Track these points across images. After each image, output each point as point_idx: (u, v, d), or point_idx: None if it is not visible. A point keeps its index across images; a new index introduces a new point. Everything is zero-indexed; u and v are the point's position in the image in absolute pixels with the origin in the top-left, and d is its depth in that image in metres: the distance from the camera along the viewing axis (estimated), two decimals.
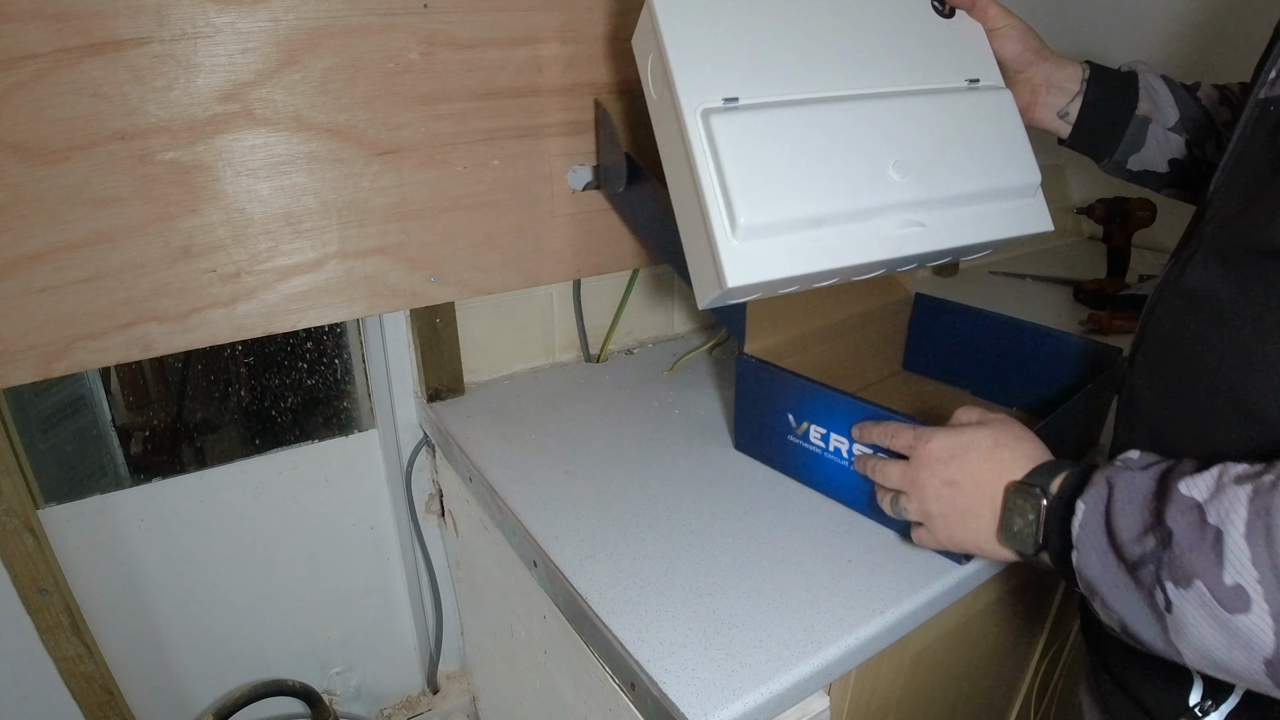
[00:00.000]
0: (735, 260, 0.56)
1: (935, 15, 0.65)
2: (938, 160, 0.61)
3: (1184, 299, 0.48)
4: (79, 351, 0.69)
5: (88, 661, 0.79)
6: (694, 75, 0.57)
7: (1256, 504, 0.35)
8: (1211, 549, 0.36)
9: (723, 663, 0.52)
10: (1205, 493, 0.37)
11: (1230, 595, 0.35)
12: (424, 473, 0.95)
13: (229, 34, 0.67)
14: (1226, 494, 0.36)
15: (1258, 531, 0.34)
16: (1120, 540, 0.40)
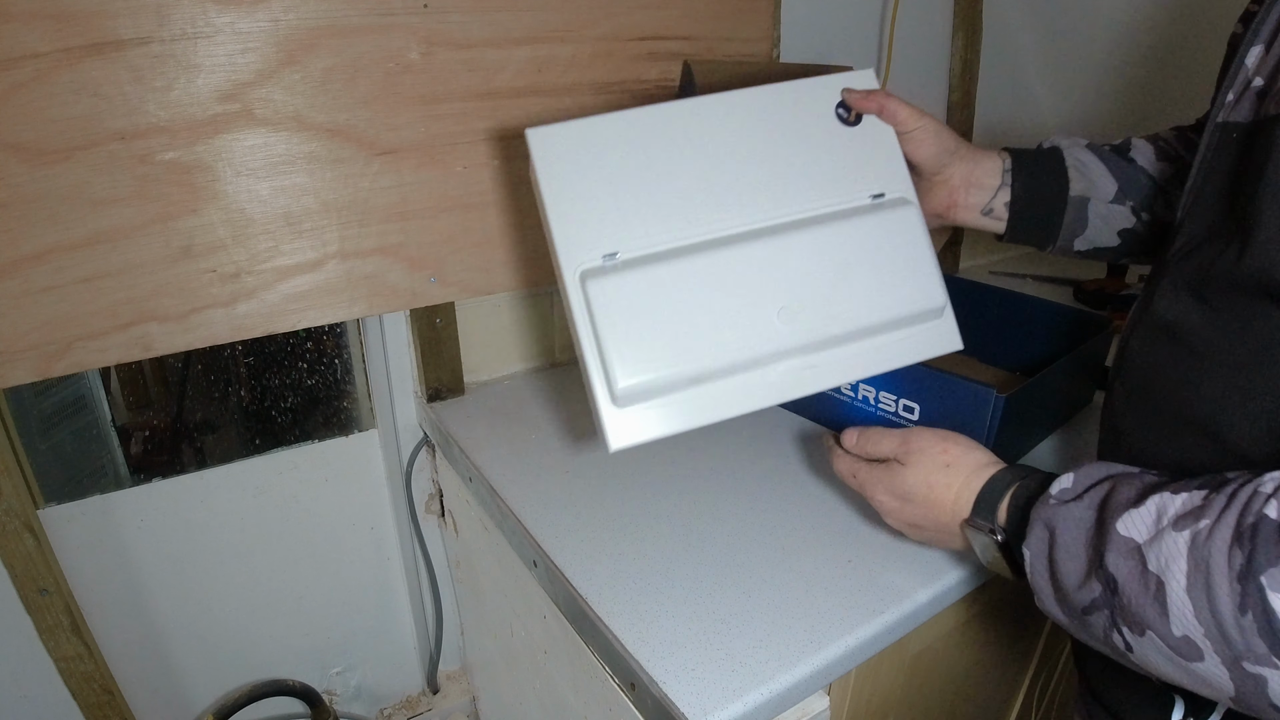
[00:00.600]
0: (616, 425, 0.55)
1: (840, 125, 0.61)
2: (831, 297, 0.57)
3: (1159, 331, 0.47)
4: (79, 351, 0.69)
5: (88, 661, 0.79)
6: (573, 233, 0.56)
7: (1195, 555, 0.34)
8: (1155, 599, 0.35)
9: (723, 663, 0.52)
10: (1144, 533, 0.36)
11: (1182, 645, 0.35)
12: (424, 473, 0.95)
13: (229, 34, 0.67)
14: (1165, 541, 0.35)
15: (1198, 586, 0.33)
16: (1065, 588, 0.40)
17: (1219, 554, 0.33)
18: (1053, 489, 0.43)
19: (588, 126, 0.57)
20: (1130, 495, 0.38)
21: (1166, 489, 0.37)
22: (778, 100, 0.60)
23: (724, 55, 0.93)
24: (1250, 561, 0.32)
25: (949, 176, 0.62)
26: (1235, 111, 0.43)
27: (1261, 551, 0.32)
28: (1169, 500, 0.37)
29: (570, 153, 0.56)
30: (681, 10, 0.88)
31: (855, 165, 0.60)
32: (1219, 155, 0.44)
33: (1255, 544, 0.32)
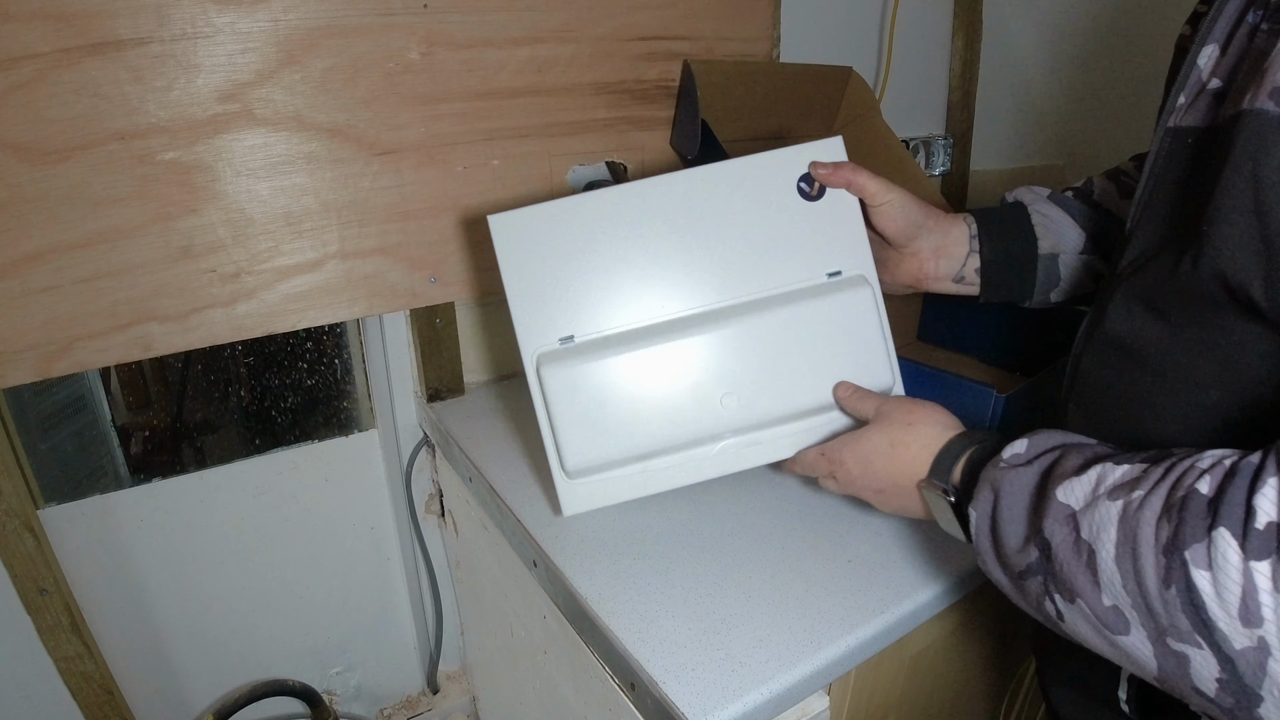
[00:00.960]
0: (568, 494, 0.61)
1: (802, 200, 0.61)
2: (778, 382, 0.59)
3: (1113, 349, 0.46)
4: (79, 351, 0.69)
5: (88, 661, 0.79)
6: (531, 317, 0.59)
7: (1124, 525, 0.34)
8: (1086, 567, 0.35)
9: (723, 663, 0.52)
10: (1081, 500, 0.36)
11: (1110, 615, 0.34)
12: (424, 473, 0.95)
13: (229, 34, 0.67)
14: (1099, 508, 0.35)
15: (1126, 556, 0.33)
16: (1005, 551, 0.40)
17: (1147, 525, 0.33)
18: (1005, 452, 0.43)
19: (547, 211, 0.59)
20: (1075, 463, 0.38)
21: (1110, 460, 0.37)
22: (740, 175, 0.60)
23: (724, 55, 0.93)
24: (1176, 535, 0.31)
25: (919, 249, 0.62)
26: (1188, 115, 0.42)
27: (1187, 526, 0.31)
28: (1109, 470, 0.37)
29: (531, 237, 0.58)
30: (681, 10, 0.88)
31: (814, 241, 0.61)
32: (1170, 162, 0.43)
33: (1182, 517, 0.31)
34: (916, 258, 0.62)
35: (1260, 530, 0.29)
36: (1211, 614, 0.30)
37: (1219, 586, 0.30)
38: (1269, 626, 0.29)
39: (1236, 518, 0.30)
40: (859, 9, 1.12)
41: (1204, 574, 0.30)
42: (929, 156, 1.26)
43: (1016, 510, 0.40)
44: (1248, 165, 0.35)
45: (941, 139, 1.27)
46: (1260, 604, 0.29)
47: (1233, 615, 0.29)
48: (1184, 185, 0.42)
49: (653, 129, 0.91)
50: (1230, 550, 0.29)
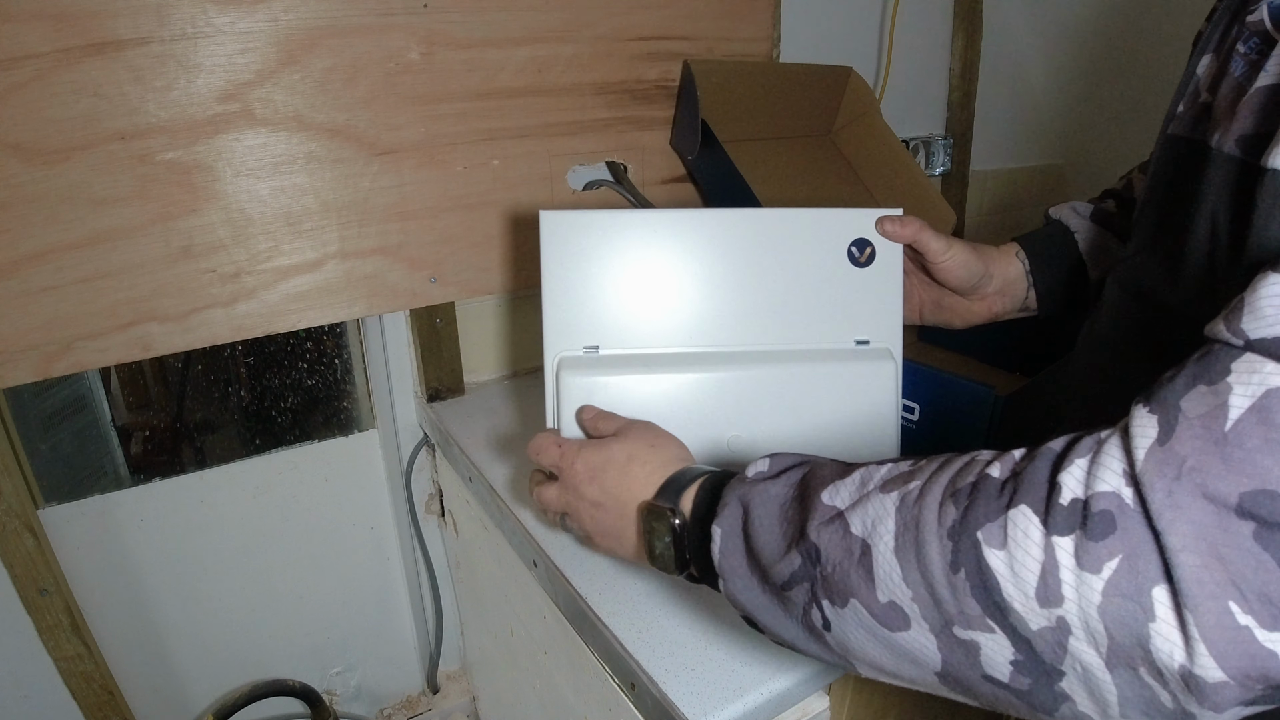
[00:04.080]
0: None
1: (848, 264, 0.61)
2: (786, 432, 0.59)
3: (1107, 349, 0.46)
4: (79, 351, 0.69)
5: (88, 661, 0.79)
6: (562, 320, 0.59)
7: (903, 515, 0.32)
8: (859, 564, 0.33)
9: (723, 662, 0.52)
10: (848, 499, 0.35)
11: (887, 613, 0.33)
12: (424, 473, 0.95)
13: (229, 34, 0.67)
14: (871, 502, 0.34)
15: (907, 546, 0.32)
16: (764, 562, 0.38)
17: (929, 510, 0.31)
18: (748, 470, 0.42)
19: (600, 219, 0.59)
20: (833, 470, 0.38)
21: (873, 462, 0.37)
22: (795, 225, 0.60)
23: (724, 55, 0.93)
24: (965, 516, 0.30)
25: (985, 293, 0.64)
26: (1181, 124, 0.43)
27: (980, 505, 0.30)
28: (873, 470, 0.36)
29: (577, 241, 0.58)
30: (681, 10, 0.88)
31: (850, 307, 0.62)
32: (1162, 168, 0.44)
33: (973, 499, 0.30)
34: (984, 301, 0.64)
35: (1064, 505, 0.28)
36: (1006, 595, 0.29)
37: (1015, 564, 0.28)
38: (1069, 605, 0.27)
39: (1038, 494, 0.29)
40: (859, 9, 1.12)
41: (998, 553, 0.29)
42: (929, 156, 1.26)
43: (770, 520, 0.38)
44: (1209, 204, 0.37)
45: (941, 139, 1.27)
46: (1061, 581, 0.27)
47: (1029, 595, 0.28)
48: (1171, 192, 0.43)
49: (653, 129, 0.91)
50: (1031, 526, 0.28)
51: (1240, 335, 0.27)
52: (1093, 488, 0.28)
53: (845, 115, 1.03)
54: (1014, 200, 1.46)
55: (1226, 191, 0.36)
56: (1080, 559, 0.27)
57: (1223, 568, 0.25)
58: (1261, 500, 0.25)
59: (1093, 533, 0.27)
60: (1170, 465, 0.26)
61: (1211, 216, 0.37)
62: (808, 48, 1.04)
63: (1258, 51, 0.36)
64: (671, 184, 0.95)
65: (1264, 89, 0.34)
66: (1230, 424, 0.26)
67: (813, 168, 1.00)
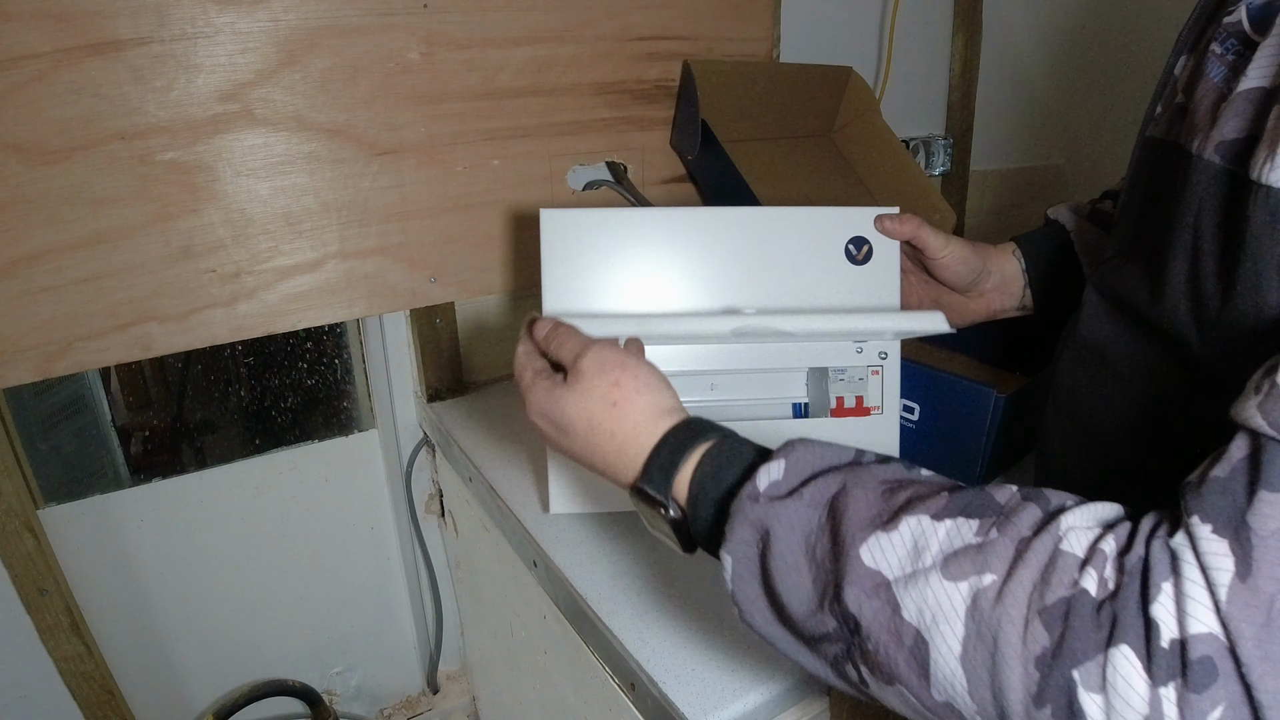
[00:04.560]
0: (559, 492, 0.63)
1: (847, 263, 0.61)
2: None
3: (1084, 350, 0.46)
4: (79, 351, 0.69)
5: (88, 661, 0.79)
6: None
7: (978, 622, 0.28)
8: (912, 656, 0.29)
9: (723, 663, 0.52)
10: (897, 567, 0.30)
11: (943, 710, 0.29)
12: (424, 473, 0.95)
13: (229, 34, 0.67)
14: (932, 588, 0.29)
15: (978, 660, 0.27)
16: (789, 610, 0.33)
17: (1012, 627, 0.27)
18: (759, 481, 0.35)
19: (599, 218, 0.59)
20: (874, 509, 0.32)
21: (921, 508, 0.31)
22: (792, 224, 0.60)
23: (724, 55, 0.93)
24: (1060, 648, 0.26)
25: (983, 290, 0.64)
26: (1158, 126, 0.42)
27: (1076, 637, 0.26)
28: (929, 528, 0.30)
29: (577, 239, 0.59)
30: (681, 10, 0.88)
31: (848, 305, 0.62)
32: (1140, 171, 0.43)
33: (1068, 626, 0.26)
34: (983, 299, 0.64)
35: (1164, 649, 0.25)
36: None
37: (1112, 713, 0.25)
38: None
39: (1137, 632, 0.25)
40: (859, 9, 1.12)
41: (1095, 697, 0.25)
42: (929, 156, 1.26)
43: (794, 558, 0.32)
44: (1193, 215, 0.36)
45: (941, 139, 1.27)
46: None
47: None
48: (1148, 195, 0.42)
49: (653, 129, 0.91)
50: (1134, 673, 0.25)
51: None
52: (1188, 629, 0.25)
53: (845, 115, 1.03)
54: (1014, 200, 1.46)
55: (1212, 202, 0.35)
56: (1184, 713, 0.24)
57: None
58: None
59: (1194, 683, 0.24)
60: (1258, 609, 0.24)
61: (1194, 228, 0.36)
62: (808, 48, 1.04)
63: (1235, 53, 0.35)
64: (671, 184, 0.95)
65: (1245, 93, 0.33)
66: None
67: (813, 168, 1.00)
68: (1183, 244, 0.37)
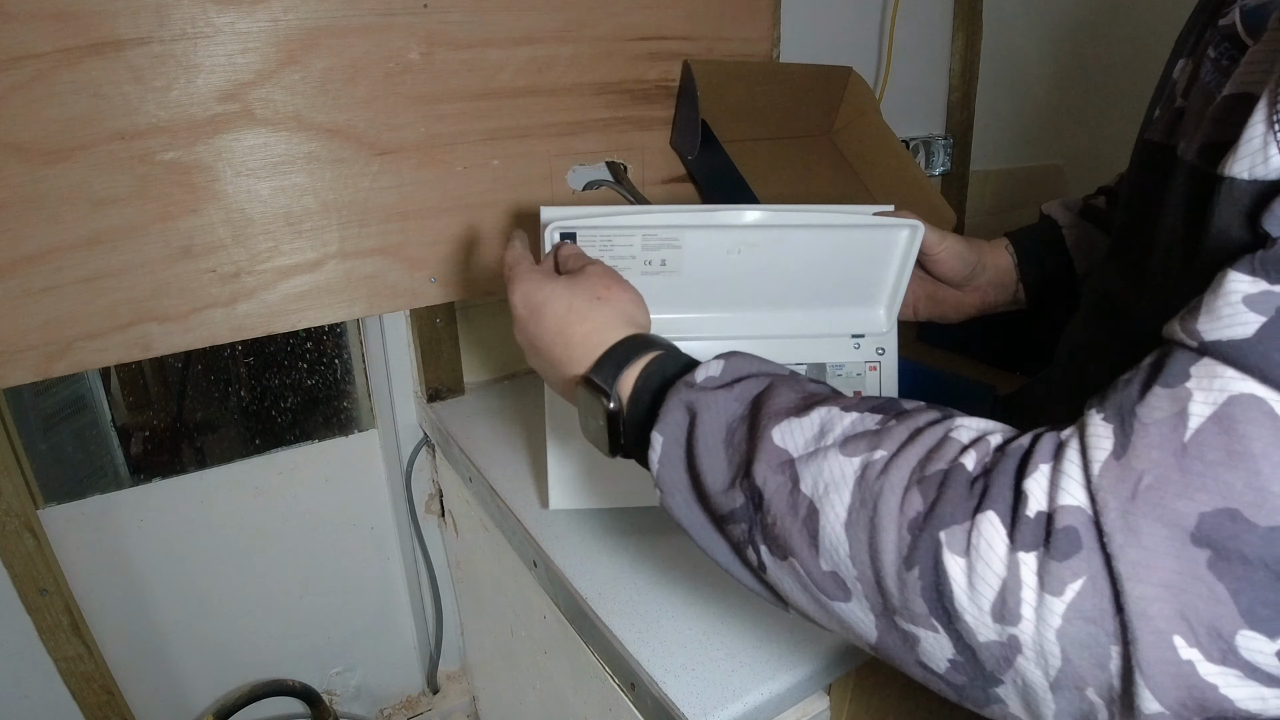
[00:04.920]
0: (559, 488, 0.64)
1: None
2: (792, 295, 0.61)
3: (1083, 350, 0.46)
4: (79, 351, 0.69)
5: (88, 661, 0.79)
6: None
7: (864, 490, 0.29)
8: (804, 526, 0.31)
9: (723, 663, 0.52)
10: (801, 446, 0.32)
11: (827, 580, 0.31)
12: (424, 473, 0.95)
13: (229, 34, 0.67)
14: (829, 461, 0.31)
15: (860, 524, 0.29)
16: (705, 487, 0.35)
17: (892, 493, 0.29)
18: (698, 374, 0.38)
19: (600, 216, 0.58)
20: (791, 399, 0.34)
21: (835, 403, 0.33)
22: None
23: (724, 55, 0.93)
24: (931, 511, 0.28)
25: (977, 284, 0.64)
26: (1157, 130, 0.42)
27: (947, 503, 0.28)
28: (836, 416, 0.32)
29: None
30: (681, 10, 0.88)
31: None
32: (1138, 173, 0.44)
33: (941, 493, 0.28)
34: (977, 292, 0.65)
35: (1030, 518, 0.26)
36: (958, 603, 0.27)
37: (975, 576, 0.26)
38: (1025, 626, 0.26)
39: (1005, 501, 0.27)
40: (859, 9, 1.12)
41: (959, 560, 0.27)
42: (929, 156, 1.26)
43: (715, 440, 0.35)
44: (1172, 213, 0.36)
45: (941, 139, 1.27)
46: (1021, 600, 0.26)
47: (983, 609, 0.26)
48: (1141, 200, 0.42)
49: (653, 129, 0.91)
50: (996, 538, 0.26)
51: (1195, 336, 0.26)
52: (1056, 500, 0.26)
53: (845, 115, 1.03)
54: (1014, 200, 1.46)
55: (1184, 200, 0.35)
56: (1043, 580, 0.25)
57: (1172, 598, 0.24)
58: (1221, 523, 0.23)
59: (1056, 551, 0.25)
60: (1126, 483, 0.25)
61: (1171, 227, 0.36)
62: (808, 48, 1.04)
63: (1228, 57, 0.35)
64: (671, 184, 0.95)
65: (1229, 98, 0.33)
66: (1190, 433, 0.24)
67: (813, 168, 1.00)
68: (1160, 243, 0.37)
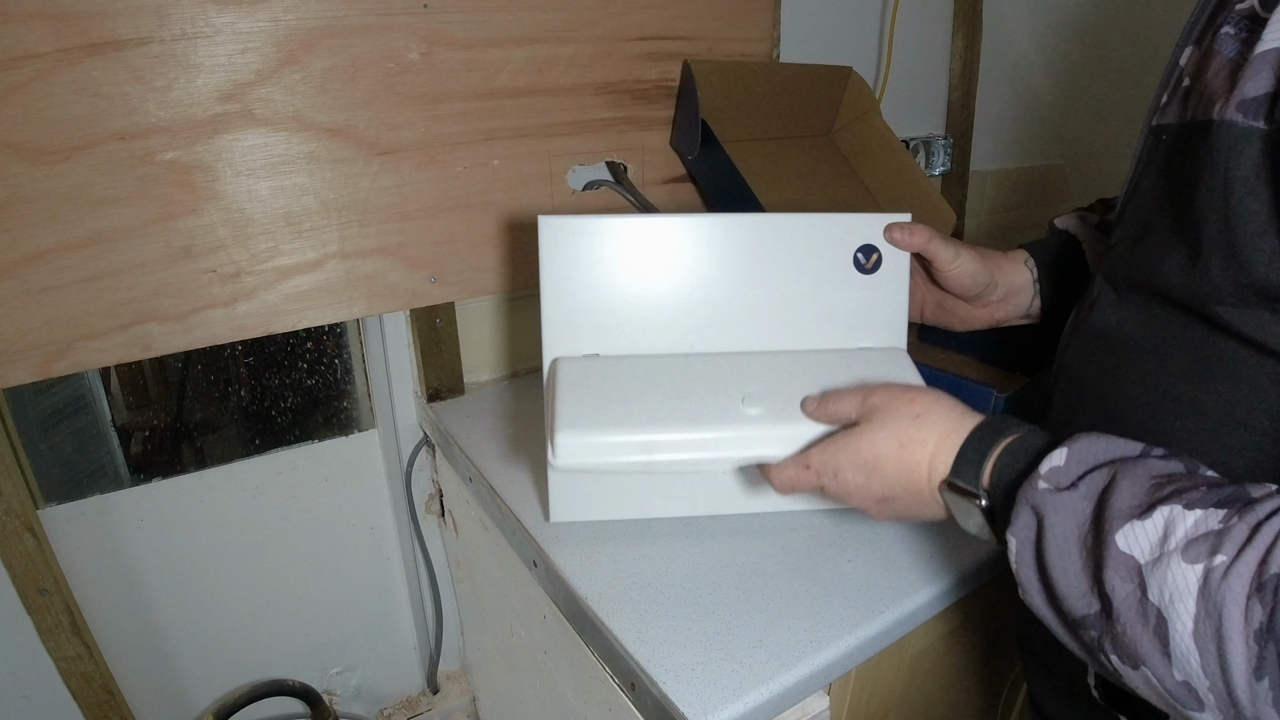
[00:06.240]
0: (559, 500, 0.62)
1: (854, 270, 0.60)
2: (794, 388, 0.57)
3: (1094, 338, 0.46)
4: (79, 351, 0.69)
5: (88, 661, 0.79)
6: (561, 328, 0.58)
7: (1206, 597, 0.29)
8: (1155, 636, 0.31)
9: (723, 663, 0.52)
10: (1147, 552, 0.31)
11: (1181, 690, 0.31)
12: (424, 473, 0.95)
13: (229, 34, 0.67)
14: (1172, 569, 0.30)
15: (1206, 634, 0.29)
16: (1059, 595, 0.36)
17: (1234, 603, 0.28)
18: (1042, 468, 0.37)
19: (600, 225, 0.57)
20: (1135, 499, 0.33)
21: (1178, 499, 0.32)
22: (799, 230, 0.59)
23: (724, 55, 0.93)
24: (1272, 619, 0.27)
25: (989, 299, 0.63)
26: (1165, 114, 0.42)
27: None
28: (1179, 516, 0.31)
29: (577, 246, 0.57)
30: (681, 10, 0.88)
31: (854, 314, 0.61)
32: (1151, 159, 0.44)
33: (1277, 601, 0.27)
34: (988, 308, 0.64)
35: None
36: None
37: None
38: None
39: None
40: (859, 9, 1.12)
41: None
42: (929, 156, 1.26)
43: (1067, 545, 0.35)
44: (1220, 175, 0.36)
45: (941, 139, 1.27)
46: None
47: None
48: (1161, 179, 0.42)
49: (653, 129, 0.91)
50: None
51: None
52: None
53: (845, 115, 1.03)
54: (1014, 200, 1.46)
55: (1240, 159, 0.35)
56: None
57: None
58: None
59: None
60: None
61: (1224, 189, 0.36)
62: (808, 48, 1.04)
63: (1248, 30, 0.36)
64: (671, 184, 0.95)
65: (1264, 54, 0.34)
66: None
67: (813, 168, 1.00)
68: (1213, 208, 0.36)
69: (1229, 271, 0.36)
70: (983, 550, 0.62)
